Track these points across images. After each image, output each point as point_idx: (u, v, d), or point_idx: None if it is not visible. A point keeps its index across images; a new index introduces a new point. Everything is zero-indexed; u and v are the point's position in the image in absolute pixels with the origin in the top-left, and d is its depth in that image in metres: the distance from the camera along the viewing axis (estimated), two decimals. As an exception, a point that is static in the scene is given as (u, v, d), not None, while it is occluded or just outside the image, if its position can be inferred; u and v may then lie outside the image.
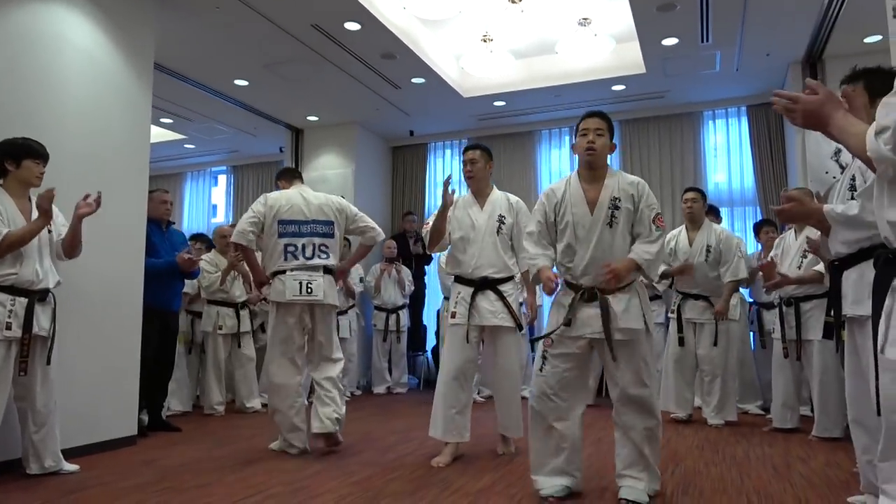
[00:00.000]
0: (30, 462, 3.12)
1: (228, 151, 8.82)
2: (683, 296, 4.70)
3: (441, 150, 8.23)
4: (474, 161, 3.71)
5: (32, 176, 3.14)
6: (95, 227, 3.49)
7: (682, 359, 4.66)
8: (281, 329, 3.66)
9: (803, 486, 2.90)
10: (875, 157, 1.27)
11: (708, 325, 4.57)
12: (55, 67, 3.64)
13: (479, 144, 3.82)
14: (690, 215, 4.73)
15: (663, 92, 6.65)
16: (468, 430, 3.52)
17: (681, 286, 4.73)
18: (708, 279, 4.61)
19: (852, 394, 2.34)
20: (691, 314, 4.65)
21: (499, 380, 3.65)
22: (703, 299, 4.62)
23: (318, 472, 3.19)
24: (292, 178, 4.00)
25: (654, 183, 7.07)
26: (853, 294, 2.17)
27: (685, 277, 4.67)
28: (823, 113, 1.47)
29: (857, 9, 4.63)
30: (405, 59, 5.74)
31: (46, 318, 3.12)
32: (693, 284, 4.64)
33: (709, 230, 4.69)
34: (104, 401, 3.76)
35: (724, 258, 4.58)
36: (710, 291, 4.61)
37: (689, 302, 4.66)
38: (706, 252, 4.61)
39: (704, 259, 4.60)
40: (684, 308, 4.67)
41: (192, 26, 5.03)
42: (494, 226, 3.60)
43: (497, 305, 3.50)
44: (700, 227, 4.71)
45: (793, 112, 1.52)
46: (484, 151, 3.74)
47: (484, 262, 3.56)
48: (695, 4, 4.78)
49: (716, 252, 4.61)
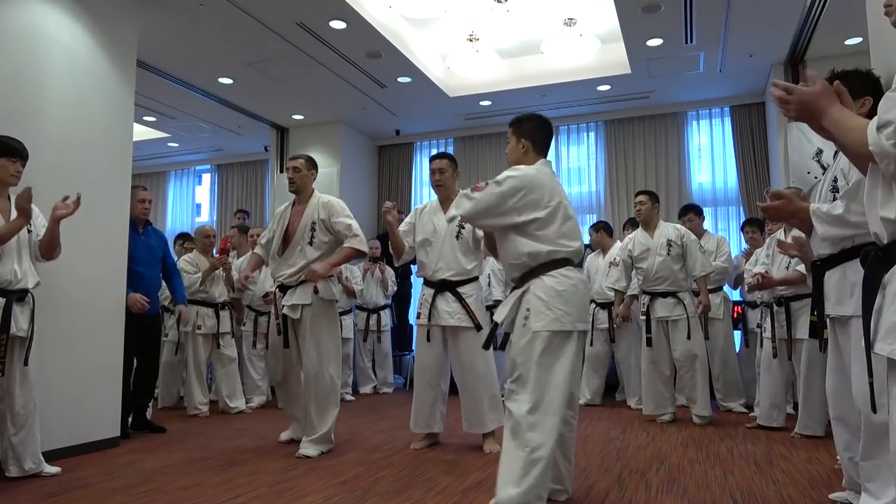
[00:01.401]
0: (9, 465, 3.07)
1: (213, 150, 8.75)
2: (652, 295, 4.67)
3: (427, 149, 8.22)
4: (443, 171, 3.84)
5: (7, 175, 3.08)
6: (77, 227, 3.44)
7: (657, 359, 4.64)
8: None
9: (786, 482, 2.93)
10: (877, 152, 1.27)
11: (680, 320, 4.53)
12: (35, 64, 3.58)
13: (446, 154, 3.99)
14: (639, 215, 4.80)
15: (648, 92, 6.70)
16: (438, 422, 3.83)
17: (648, 285, 4.69)
18: (674, 273, 4.58)
19: (834, 391, 2.36)
20: (662, 312, 4.60)
21: (460, 378, 3.76)
22: (672, 296, 4.58)
23: (304, 473, 3.17)
24: None
25: (639, 182, 7.13)
26: (835, 294, 2.19)
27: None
28: (818, 105, 1.45)
29: (839, 11, 4.70)
30: (391, 58, 5.73)
31: (25, 318, 3.07)
32: (659, 281, 4.62)
33: (665, 227, 4.71)
34: (86, 402, 3.71)
35: (688, 253, 4.60)
36: (677, 286, 4.58)
37: (659, 300, 4.62)
38: (667, 246, 4.59)
39: (666, 253, 4.59)
40: (654, 307, 4.64)
41: (175, 24, 4.98)
42: (454, 230, 3.71)
43: (454, 307, 3.65)
44: (655, 226, 4.74)
45: (787, 103, 1.50)
46: (451, 161, 3.89)
47: (443, 266, 3.72)
48: (679, 6, 4.81)
49: (677, 247, 4.60)
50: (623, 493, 2.79)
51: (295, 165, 3.77)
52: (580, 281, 2.54)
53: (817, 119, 1.47)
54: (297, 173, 3.75)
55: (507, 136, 2.82)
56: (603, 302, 5.53)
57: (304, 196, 3.78)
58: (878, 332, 1.34)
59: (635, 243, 4.77)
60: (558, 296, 2.43)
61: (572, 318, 2.43)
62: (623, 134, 7.29)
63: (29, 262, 3.12)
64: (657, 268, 4.61)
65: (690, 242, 4.64)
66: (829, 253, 2.21)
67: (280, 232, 3.75)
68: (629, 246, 4.81)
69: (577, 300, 2.48)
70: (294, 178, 3.75)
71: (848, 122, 1.40)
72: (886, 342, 1.30)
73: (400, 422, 4.59)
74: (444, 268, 3.72)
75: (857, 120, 1.40)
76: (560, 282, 2.45)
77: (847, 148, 1.43)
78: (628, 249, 4.81)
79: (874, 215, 1.37)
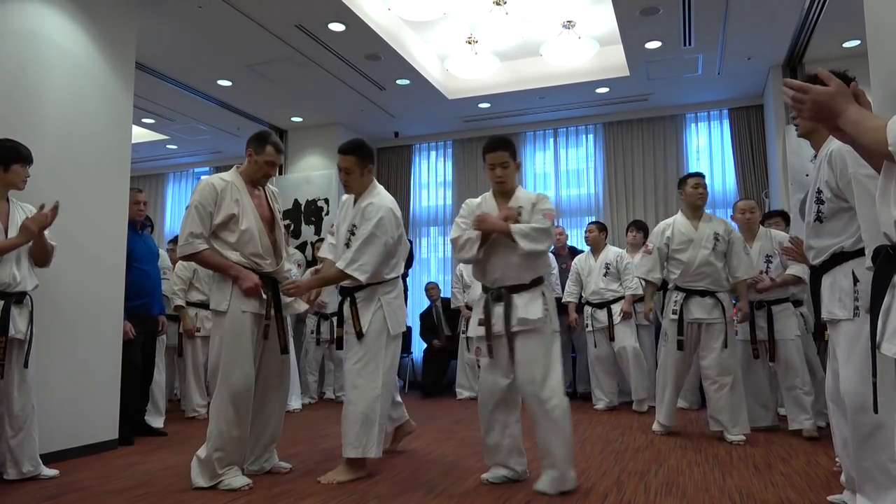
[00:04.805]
0: (7, 467, 3.07)
1: (211, 152, 8.75)
2: (687, 293, 4.08)
3: (426, 151, 8.23)
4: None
5: (19, 180, 3.10)
6: (75, 229, 3.44)
7: (682, 366, 4.14)
8: None
9: (784, 485, 2.93)
10: None
11: (717, 325, 4.00)
12: (34, 66, 3.58)
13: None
14: (698, 203, 4.16)
15: (646, 95, 6.71)
16: (400, 418, 3.72)
17: (684, 280, 4.09)
18: (717, 271, 4.04)
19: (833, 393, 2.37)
20: (698, 313, 4.02)
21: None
22: (711, 295, 4.03)
23: (302, 476, 3.16)
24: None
25: (637, 184, 7.14)
26: (828, 298, 2.26)
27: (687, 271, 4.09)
28: (835, 105, 1.42)
29: (837, 14, 4.71)
30: (390, 61, 5.73)
31: (23, 321, 3.07)
32: (700, 277, 4.04)
33: (712, 220, 4.18)
34: (85, 405, 3.70)
35: (734, 252, 4.08)
36: (718, 286, 4.04)
37: (695, 299, 4.04)
38: (714, 240, 4.04)
39: (712, 248, 4.03)
40: (688, 307, 4.06)
41: (174, 26, 4.98)
42: (345, 235, 3.28)
43: (346, 311, 3.24)
44: (702, 216, 4.17)
45: (802, 103, 1.45)
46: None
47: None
48: (677, 9, 4.82)
49: (723, 242, 4.06)
50: (622, 495, 2.78)
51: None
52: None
53: (833, 119, 1.44)
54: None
55: (505, 160, 3.01)
56: (599, 302, 5.52)
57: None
58: (886, 332, 1.34)
59: (675, 231, 4.16)
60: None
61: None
62: (622, 136, 7.30)
63: (28, 266, 3.12)
64: (700, 261, 4.03)
65: (737, 240, 4.11)
66: (821, 261, 2.26)
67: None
68: (667, 233, 4.20)
69: None
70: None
71: (867, 123, 1.38)
72: (893, 343, 1.30)
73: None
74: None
75: (876, 120, 1.37)
76: None
77: (866, 148, 1.41)
78: (666, 236, 4.19)
79: (886, 214, 1.36)
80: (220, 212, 3.07)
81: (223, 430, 2.92)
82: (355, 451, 3.02)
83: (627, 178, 7.22)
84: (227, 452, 2.92)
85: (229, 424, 2.93)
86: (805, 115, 1.48)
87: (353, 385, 3.09)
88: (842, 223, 2.18)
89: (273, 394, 3.23)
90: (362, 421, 3.02)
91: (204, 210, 3.03)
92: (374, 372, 3.09)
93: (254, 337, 3.07)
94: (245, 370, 2.99)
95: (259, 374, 3.11)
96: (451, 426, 4.51)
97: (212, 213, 3.05)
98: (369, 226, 3.12)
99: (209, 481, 2.89)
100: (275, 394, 3.23)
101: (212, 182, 3.12)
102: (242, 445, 3.02)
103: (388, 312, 3.19)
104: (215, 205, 3.05)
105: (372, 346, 3.12)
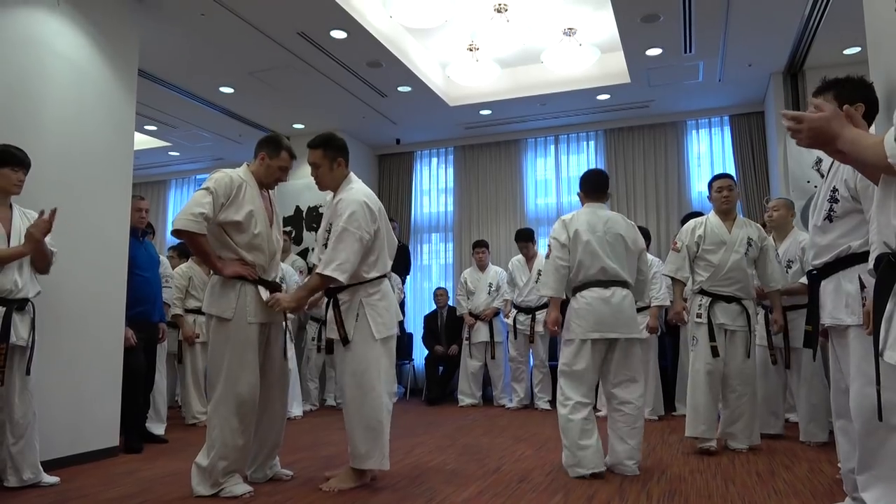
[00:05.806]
0: (8, 475, 3.06)
1: (213, 159, 8.76)
2: (714, 297, 3.90)
3: (427, 158, 8.24)
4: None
5: (11, 184, 3.09)
6: (77, 236, 3.44)
7: (715, 373, 3.85)
8: None
9: (787, 493, 2.92)
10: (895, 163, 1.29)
11: (741, 332, 3.87)
12: (36, 73, 3.60)
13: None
14: (723, 207, 4.00)
15: (647, 101, 6.72)
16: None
17: (711, 284, 3.91)
18: (747, 277, 3.90)
19: (837, 402, 2.35)
20: (723, 319, 3.86)
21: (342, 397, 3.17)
22: (737, 302, 3.88)
23: (303, 484, 3.15)
24: None
25: (638, 191, 7.15)
26: (831, 303, 2.20)
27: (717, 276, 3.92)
28: (830, 130, 1.46)
29: (837, 21, 4.73)
30: (391, 68, 5.75)
31: (25, 327, 3.07)
32: (729, 282, 3.87)
33: (747, 224, 4.02)
34: (86, 412, 3.70)
35: (766, 259, 3.95)
36: (745, 293, 3.89)
37: (720, 305, 3.87)
38: (747, 245, 3.88)
39: (744, 252, 3.87)
40: (715, 312, 3.87)
41: (176, 33, 5.00)
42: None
43: (330, 315, 3.11)
44: (735, 218, 4.02)
45: (799, 132, 1.51)
46: (733, 179, 3.28)
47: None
48: (678, 16, 4.84)
49: (755, 248, 3.91)
50: (624, 502, 2.77)
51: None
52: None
53: (832, 144, 1.48)
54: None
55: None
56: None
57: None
58: (888, 340, 1.34)
59: (707, 230, 3.96)
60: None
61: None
62: (623, 143, 7.31)
63: (30, 272, 3.12)
64: (731, 265, 3.86)
65: (769, 248, 3.98)
66: (824, 262, 2.22)
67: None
68: (698, 231, 3.98)
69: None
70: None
71: (865, 141, 1.42)
72: None
73: (400, 430, 4.57)
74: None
75: (872, 137, 1.42)
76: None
77: (866, 164, 1.45)
78: (697, 235, 3.98)
79: (886, 223, 1.39)
80: (234, 208, 2.98)
81: (227, 439, 2.89)
82: (365, 465, 2.97)
83: (629, 185, 7.23)
84: (231, 461, 2.90)
85: (234, 433, 2.90)
86: (804, 143, 1.53)
87: (350, 397, 3.03)
88: (852, 224, 2.14)
89: (275, 400, 3.21)
90: (367, 432, 2.97)
91: (217, 198, 2.93)
92: (369, 381, 2.99)
93: (259, 346, 3.05)
94: (251, 380, 2.97)
95: (261, 382, 3.09)
96: (452, 433, 4.49)
97: (223, 204, 2.95)
98: (340, 222, 3.01)
99: (211, 489, 2.88)
100: (277, 400, 3.22)
101: (230, 175, 3.04)
102: (246, 453, 3.01)
103: (371, 316, 3.03)
104: (227, 198, 2.97)
105: (361, 353, 3.02)
